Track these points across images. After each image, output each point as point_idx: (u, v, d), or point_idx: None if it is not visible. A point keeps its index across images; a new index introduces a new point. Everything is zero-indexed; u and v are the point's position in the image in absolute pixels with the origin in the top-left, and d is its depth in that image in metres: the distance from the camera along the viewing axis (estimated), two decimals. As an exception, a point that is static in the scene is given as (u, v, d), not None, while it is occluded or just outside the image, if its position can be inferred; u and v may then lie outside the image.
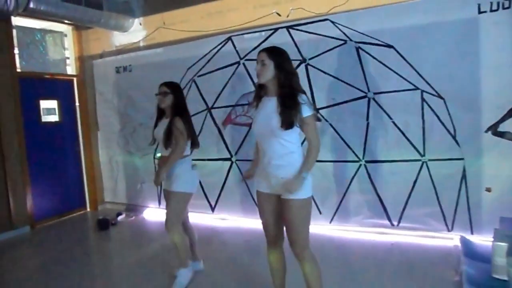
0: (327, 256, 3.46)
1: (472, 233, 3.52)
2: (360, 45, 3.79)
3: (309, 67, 4.05)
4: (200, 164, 4.85)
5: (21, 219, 4.81)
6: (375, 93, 3.78)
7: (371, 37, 3.72)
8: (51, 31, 5.31)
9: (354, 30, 3.80)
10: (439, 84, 3.52)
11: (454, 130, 3.51)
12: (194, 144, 3.18)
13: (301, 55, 4.07)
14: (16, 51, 4.79)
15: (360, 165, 3.93)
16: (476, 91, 3.41)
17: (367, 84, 3.79)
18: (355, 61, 3.82)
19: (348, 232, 4.05)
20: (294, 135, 2.28)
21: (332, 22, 3.90)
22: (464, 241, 3.22)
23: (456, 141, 3.51)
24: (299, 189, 2.19)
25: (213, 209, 4.87)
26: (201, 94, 4.74)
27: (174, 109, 3.07)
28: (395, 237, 3.81)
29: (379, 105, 3.77)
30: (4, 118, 4.61)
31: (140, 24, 5.16)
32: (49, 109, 5.24)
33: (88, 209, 5.71)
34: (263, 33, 4.28)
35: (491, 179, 3.43)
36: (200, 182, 4.81)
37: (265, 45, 4.22)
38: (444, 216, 3.63)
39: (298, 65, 4.08)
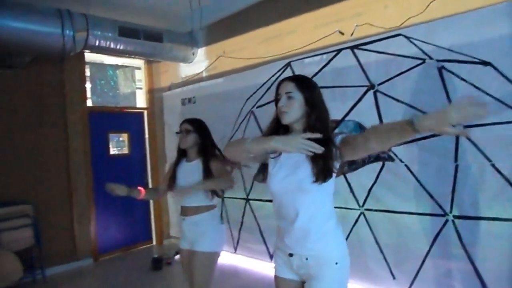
0: None
1: None
2: (444, 64, 2.90)
3: (378, 94, 3.28)
4: (258, 205, 4.37)
5: (85, 251, 4.85)
6: (465, 126, 2.82)
7: (458, 52, 2.82)
8: (122, 66, 5.46)
9: (436, 46, 2.94)
10: None
11: None
12: (223, 191, 2.68)
13: (368, 80, 3.33)
14: (88, 86, 4.98)
15: (447, 220, 2.95)
16: None
17: (454, 114, 2.87)
18: (437, 85, 2.93)
19: (431, 308, 3.07)
20: (327, 190, 1.69)
21: (406, 37, 3.10)
22: None
23: None
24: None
25: (271, 256, 4.27)
26: (259, 127, 4.26)
27: (201, 151, 2.63)
28: (500, 327, 2.73)
29: (472, 141, 2.81)
30: (73, 151, 4.76)
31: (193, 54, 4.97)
32: (119, 141, 5.31)
33: (154, 243, 5.59)
34: (324, 56, 3.65)
35: None
36: (258, 225, 4.34)
37: (328, 70, 3.63)
38: None
39: (366, 92, 3.35)
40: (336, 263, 1.65)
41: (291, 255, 1.71)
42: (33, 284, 4.28)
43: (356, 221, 3.46)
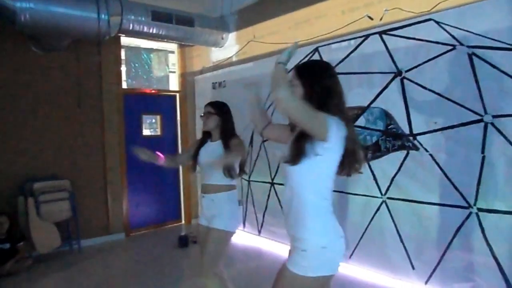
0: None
1: None
2: (475, 50, 2.78)
3: (405, 81, 3.19)
4: (283, 189, 4.40)
5: (117, 226, 5.12)
6: (494, 116, 2.70)
7: (490, 38, 2.69)
8: (156, 50, 5.61)
9: (467, 31, 2.81)
10: None
11: None
12: (241, 171, 2.75)
13: (395, 66, 3.25)
14: (123, 69, 5.17)
15: (470, 213, 2.86)
16: None
17: (483, 103, 2.75)
18: (467, 72, 2.82)
19: (450, 301, 3.01)
20: (314, 169, 1.70)
21: (437, 22, 2.98)
22: None
23: None
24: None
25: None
26: (286, 112, 4.28)
27: (222, 132, 2.71)
28: (521, 324, 2.64)
29: (500, 132, 2.68)
30: (109, 131, 5.00)
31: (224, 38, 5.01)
32: (151, 123, 5.51)
33: (183, 222, 5.80)
34: (352, 41, 3.59)
35: None
36: (282, 209, 4.39)
37: (355, 55, 3.58)
38: None
39: (392, 79, 3.27)
40: (323, 247, 1.62)
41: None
42: (70, 253, 4.59)
43: (378, 209, 3.43)
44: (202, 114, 2.76)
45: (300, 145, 1.62)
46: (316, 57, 3.90)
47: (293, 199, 1.69)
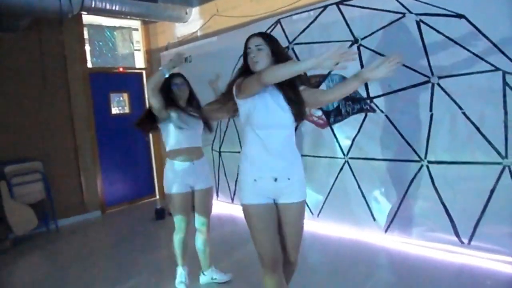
0: (380, 271, 3.05)
1: None
2: (422, 17, 3.03)
3: (361, 48, 3.43)
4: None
5: (93, 204, 5.20)
6: (440, 77, 3.00)
7: (435, 6, 2.95)
8: (120, 27, 5.57)
9: (415, 0, 3.07)
10: (529, 62, 2.62)
11: (550, 125, 2.59)
12: (209, 129, 2.96)
13: (352, 35, 3.47)
14: (87, 48, 5.13)
15: (422, 166, 3.20)
16: None
17: (430, 66, 3.03)
18: (416, 38, 3.09)
19: (406, 245, 3.37)
20: (293, 126, 2.02)
21: (388, -9, 3.22)
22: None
23: (553, 140, 2.59)
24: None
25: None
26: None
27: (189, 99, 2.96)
28: (464, 258, 3.03)
29: (445, 91, 2.99)
30: (76, 111, 5.00)
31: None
32: (119, 101, 5.53)
33: (158, 197, 5.94)
34: (311, 12, 3.77)
35: None
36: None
37: (315, 26, 3.76)
38: (533, 239, 2.74)
39: (350, 46, 3.49)
40: (303, 178, 2.02)
41: (275, 179, 1.94)
42: (47, 233, 4.66)
43: (341, 169, 3.72)
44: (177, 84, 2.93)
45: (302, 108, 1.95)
46: (278, 29, 4.06)
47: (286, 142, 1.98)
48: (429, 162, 3.16)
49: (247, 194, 1.99)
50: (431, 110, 3.09)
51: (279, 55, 1.96)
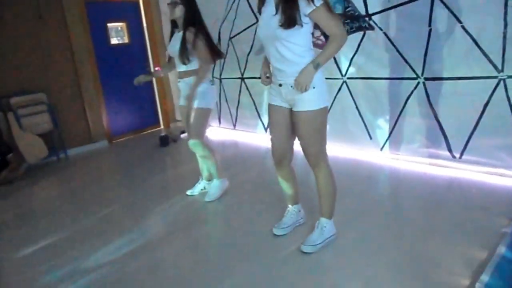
0: (375, 187, 3.18)
1: (558, 173, 2.69)
2: None
3: (362, -39, 3.29)
4: (253, 83, 4.64)
5: (100, 135, 5.35)
6: (440, -9, 2.91)
7: None
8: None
9: None
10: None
11: (549, 35, 2.55)
12: (215, 56, 2.94)
13: None
14: (80, -26, 4.94)
15: (418, 83, 3.21)
16: None
17: (430, -22, 2.93)
18: None
19: (401, 161, 3.50)
20: (301, 37, 1.98)
21: None
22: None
23: (550, 50, 2.56)
24: (307, 81, 1.96)
25: (266, 129, 4.65)
26: (250, 5, 4.32)
27: (186, 21, 2.83)
28: (456, 172, 3.15)
29: (445, 5, 2.91)
30: (75, 41, 4.94)
31: None
32: (118, 31, 5.45)
33: (162, 126, 6.07)
34: None
35: None
36: (253, 102, 4.69)
37: None
38: (522, 150, 2.83)
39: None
40: (314, 87, 2.01)
41: (280, 85, 2.09)
42: (57, 162, 4.87)
43: (339, 89, 3.75)
44: (169, 2, 2.86)
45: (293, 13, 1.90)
46: None
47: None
48: (425, 79, 3.17)
49: (268, 95, 2.26)
50: (430, 25, 3.03)
51: None
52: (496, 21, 2.71)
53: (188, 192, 3.28)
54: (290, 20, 1.89)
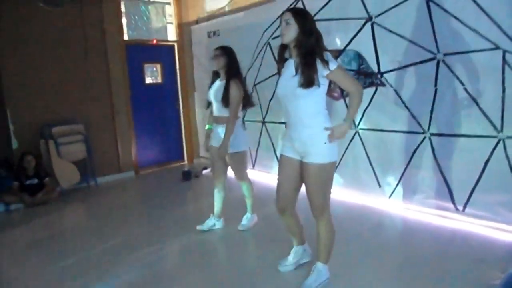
0: (381, 234, 3.34)
1: (555, 231, 2.81)
2: (432, -4, 3.21)
3: (375, 25, 3.63)
4: (273, 126, 4.96)
5: (128, 165, 5.75)
6: (445, 54, 3.19)
7: (444, -14, 3.12)
8: (153, 2, 5.94)
9: (426, -21, 3.23)
10: (528, 42, 2.78)
11: (544, 102, 2.76)
12: (247, 105, 3.31)
13: (367, 12, 3.67)
14: (123, 21, 5.54)
15: (425, 137, 3.44)
16: None
17: (436, 43, 3.22)
18: (425, 17, 3.27)
19: (408, 210, 3.66)
20: (317, 96, 2.23)
21: (402, -29, 3.38)
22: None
23: (545, 116, 2.77)
24: (341, 137, 2.27)
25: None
26: (274, 56, 4.72)
27: (228, 71, 3.20)
28: (459, 224, 3.29)
29: (449, 68, 3.19)
30: (114, 79, 5.47)
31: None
32: (153, 71, 5.97)
33: (186, 162, 6.43)
34: (330, -10, 3.98)
35: None
36: (272, 144, 4.98)
37: (333, 3, 3.99)
38: (521, 207, 2.97)
39: (364, 24, 3.71)
40: (325, 143, 2.24)
41: (294, 141, 2.34)
42: (88, 188, 5.26)
43: (352, 138, 4.00)
44: (212, 57, 3.26)
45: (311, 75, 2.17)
46: (300, 4, 4.29)
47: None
48: (431, 134, 3.40)
49: (281, 146, 2.48)
50: (435, 85, 3.30)
51: (305, 31, 2.18)
52: (495, 86, 2.95)
53: (198, 227, 3.49)
54: (309, 81, 2.14)
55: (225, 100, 3.11)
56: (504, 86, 2.92)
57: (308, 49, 2.17)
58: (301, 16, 2.24)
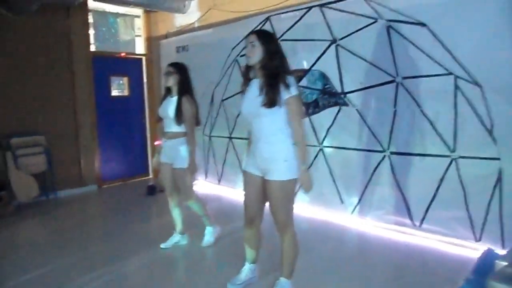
0: (342, 248, 3.42)
1: (503, 247, 2.98)
2: (391, 23, 3.41)
3: (339, 48, 3.80)
4: (239, 142, 5.00)
5: (90, 179, 5.60)
6: (404, 78, 3.38)
7: (403, 14, 3.32)
8: (123, 15, 5.92)
9: (386, 7, 3.43)
10: (477, 69, 2.99)
11: (491, 125, 2.97)
12: (197, 123, 3.33)
13: (331, 35, 3.84)
14: (91, 32, 5.48)
15: (384, 156, 3.60)
16: (521, 79, 2.82)
17: (396, 67, 3.42)
18: (385, 42, 3.46)
19: (368, 226, 3.78)
20: (279, 115, 2.30)
21: (364, -2, 3.58)
22: (487, 254, 2.76)
23: (493, 137, 2.97)
24: (310, 184, 2.34)
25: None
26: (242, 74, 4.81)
27: (180, 88, 3.22)
28: (416, 239, 3.44)
29: (407, 91, 3.38)
30: (79, 91, 5.37)
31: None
32: (119, 84, 5.90)
33: (151, 176, 6.34)
34: (297, 12, 4.13)
35: (531, 185, 2.86)
36: (239, 160, 5.02)
37: (300, 25, 4.13)
38: (472, 223, 3.14)
39: (329, 46, 3.88)
40: (285, 161, 2.30)
41: (257, 157, 2.40)
42: (47, 202, 5.06)
43: (316, 156, 4.11)
44: (165, 73, 3.28)
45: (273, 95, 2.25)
46: (267, 25, 4.42)
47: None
48: (391, 152, 3.56)
49: (244, 163, 2.54)
50: (395, 106, 3.48)
51: (270, 53, 2.28)
52: (448, 109, 3.15)
53: (162, 245, 3.43)
54: (271, 101, 2.23)
55: (178, 116, 3.14)
56: (456, 109, 3.12)
57: (272, 71, 2.27)
58: (267, 38, 2.34)
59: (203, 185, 5.57)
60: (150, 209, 4.88)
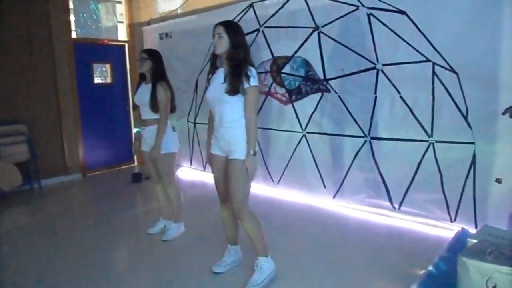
0: (325, 232, 3.51)
1: (476, 227, 3.12)
2: (372, 11, 3.46)
3: (321, 35, 3.85)
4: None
5: (75, 167, 5.58)
6: (384, 65, 3.46)
7: (383, 1, 3.38)
8: (104, 0, 5.82)
9: (367, -6, 3.49)
10: (453, 56, 3.08)
11: (467, 110, 3.08)
12: (172, 110, 3.35)
13: (314, 22, 3.88)
14: (72, 18, 5.38)
15: (365, 141, 3.69)
16: (495, 67, 2.90)
17: (376, 54, 3.49)
18: (366, 29, 3.52)
19: (350, 209, 3.90)
20: (241, 102, 2.44)
21: (346, -15, 3.61)
22: (461, 234, 2.90)
23: (468, 123, 3.08)
24: (255, 167, 2.46)
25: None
26: (226, 61, 4.82)
27: (153, 74, 3.23)
28: (395, 221, 3.57)
29: (387, 77, 3.46)
30: (60, 78, 5.29)
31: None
32: (102, 71, 5.84)
33: (136, 163, 6.34)
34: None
35: (503, 168, 2.97)
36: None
37: (283, 12, 4.15)
38: (448, 205, 3.28)
39: (311, 33, 3.91)
40: (246, 142, 2.43)
41: (220, 140, 2.53)
42: (31, 191, 5.03)
43: (299, 142, 4.19)
44: (138, 59, 3.28)
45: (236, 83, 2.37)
46: (251, 12, 4.42)
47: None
48: (371, 138, 3.65)
49: (210, 145, 2.68)
50: (375, 92, 3.56)
51: (235, 45, 2.40)
52: (426, 95, 3.25)
53: (149, 231, 3.51)
54: (234, 89, 2.37)
55: (153, 104, 3.15)
56: (434, 95, 3.22)
57: (236, 61, 2.40)
58: (233, 30, 2.45)
59: (188, 172, 5.61)
60: (136, 196, 4.91)
